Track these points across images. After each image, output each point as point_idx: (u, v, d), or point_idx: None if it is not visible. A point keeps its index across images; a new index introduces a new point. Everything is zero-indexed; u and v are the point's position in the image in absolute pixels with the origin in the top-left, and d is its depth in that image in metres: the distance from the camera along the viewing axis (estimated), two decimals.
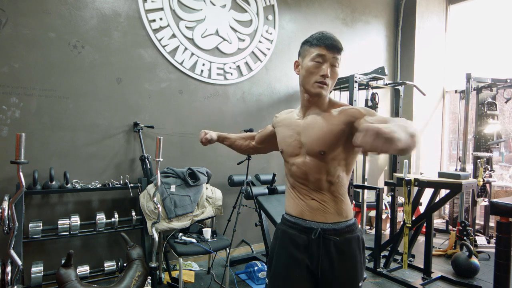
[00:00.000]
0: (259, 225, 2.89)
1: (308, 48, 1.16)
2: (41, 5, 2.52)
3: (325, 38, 1.13)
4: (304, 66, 1.16)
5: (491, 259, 3.41)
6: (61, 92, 2.62)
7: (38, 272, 2.21)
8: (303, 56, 1.18)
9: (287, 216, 1.26)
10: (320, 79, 1.13)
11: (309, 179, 1.18)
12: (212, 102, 3.34)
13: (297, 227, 1.20)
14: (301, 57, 1.20)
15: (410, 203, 2.86)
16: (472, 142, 3.99)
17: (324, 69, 1.12)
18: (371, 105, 3.48)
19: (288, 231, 1.22)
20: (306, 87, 1.17)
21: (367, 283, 2.84)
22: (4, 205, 2.10)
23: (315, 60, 1.13)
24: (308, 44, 1.17)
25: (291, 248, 1.19)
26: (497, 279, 1.67)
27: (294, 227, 1.21)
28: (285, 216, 1.28)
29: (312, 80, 1.14)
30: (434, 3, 5.02)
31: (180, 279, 2.44)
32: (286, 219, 1.26)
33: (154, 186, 2.56)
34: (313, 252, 1.16)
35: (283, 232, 1.24)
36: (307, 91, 1.18)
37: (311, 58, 1.14)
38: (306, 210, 1.19)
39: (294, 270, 1.16)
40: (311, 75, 1.14)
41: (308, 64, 1.15)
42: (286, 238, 1.22)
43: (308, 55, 1.16)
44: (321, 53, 1.12)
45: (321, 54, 1.12)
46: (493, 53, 4.57)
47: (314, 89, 1.15)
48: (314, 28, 4.04)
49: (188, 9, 3.17)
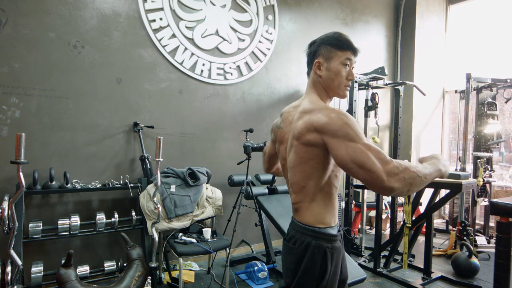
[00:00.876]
0: (259, 225, 2.89)
1: (334, 51, 1.17)
2: (41, 5, 2.52)
3: (350, 42, 1.17)
4: (333, 69, 1.17)
5: (491, 259, 3.41)
6: (61, 92, 2.62)
7: (38, 272, 2.21)
8: (328, 57, 1.18)
9: (332, 230, 1.16)
10: (347, 83, 1.19)
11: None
12: (212, 102, 3.34)
13: (339, 237, 1.19)
14: (324, 58, 1.18)
15: (410, 203, 2.86)
16: (472, 142, 3.99)
17: (352, 73, 1.18)
18: (371, 105, 3.47)
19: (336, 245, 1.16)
20: (334, 90, 1.19)
21: (367, 283, 2.84)
22: (4, 205, 2.10)
23: (345, 64, 1.16)
24: (334, 47, 1.17)
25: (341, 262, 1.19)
26: (497, 279, 1.67)
27: (339, 239, 1.18)
28: (330, 231, 1.15)
29: (341, 83, 1.18)
30: (434, 3, 5.02)
31: (180, 279, 2.45)
32: (332, 234, 1.15)
33: (154, 186, 2.56)
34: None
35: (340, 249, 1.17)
36: (333, 92, 1.20)
37: (341, 62, 1.16)
38: None
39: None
40: (340, 78, 1.17)
41: (337, 67, 1.17)
42: (338, 254, 1.16)
43: (336, 58, 1.17)
44: (350, 58, 1.17)
45: (350, 58, 1.17)
46: (493, 53, 4.56)
47: (342, 92, 1.20)
48: (314, 28, 4.04)
49: (188, 9, 3.17)
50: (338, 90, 1.19)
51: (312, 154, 1.09)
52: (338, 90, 1.19)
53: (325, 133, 1.03)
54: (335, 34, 1.19)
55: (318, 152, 1.08)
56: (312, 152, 1.08)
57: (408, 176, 0.97)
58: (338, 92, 1.19)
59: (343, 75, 1.17)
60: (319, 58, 1.19)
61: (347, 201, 3.41)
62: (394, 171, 0.96)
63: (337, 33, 1.19)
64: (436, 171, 1.06)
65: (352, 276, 2.45)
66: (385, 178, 0.95)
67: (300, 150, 1.10)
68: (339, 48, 1.16)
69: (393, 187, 0.95)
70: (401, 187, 0.96)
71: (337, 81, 1.17)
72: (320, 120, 1.05)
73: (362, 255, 3.46)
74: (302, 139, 1.08)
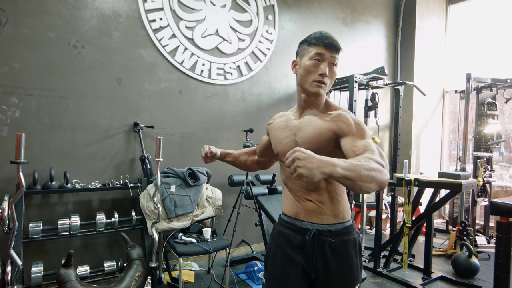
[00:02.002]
0: (259, 225, 2.89)
1: (306, 47, 1.15)
2: (41, 5, 2.52)
3: (323, 37, 1.11)
4: (302, 65, 1.15)
5: (491, 259, 3.41)
6: (61, 92, 2.62)
7: (38, 272, 2.21)
8: (301, 55, 1.17)
9: (283, 216, 1.26)
10: (318, 78, 1.11)
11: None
12: (212, 102, 3.34)
13: (292, 227, 1.19)
14: (299, 56, 1.18)
15: (410, 203, 2.86)
16: (472, 142, 3.99)
17: (323, 68, 1.11)
18: (371, 105, 3.48)
19: (284, 231, 1.21)
20: (304, 86, 1.15)
21: (367, 283, 2.84)
22: (4, 205, 2.10)
23: (314, 59, 1.11)
24: (306, 43, 1.15)
25: (287, 248, 1.18)
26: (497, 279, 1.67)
27: (290, 227, 1.20)
28: (281, 216, 1.27)
29: (310, 79, 1.13)
30: (434, 3, 5.02)
31: (180, 279, 2.45)
32: (282, 219, 1.26)
33: (154, 186, 2.56)
34: (308, 253, 1.15)
35: (279, 232, 1.23)
36: (305, 90, 1.16)
37: (310, 57, 1.12)
38: (302, 211, 1.18)
39: (289, 271, 1.16)
40: (309, 74, 1.13)
41: (306, 63, 1.13)
42: (282, 238, 1.21)
43: (306, 54, 1.14)
44: (319, 52, 1.11)
45: (319, 53, 1.11)
46: (493, 53, 4.57)
47: (312, 88, 1.13)
48: (314, 28, 4.04)
49: (188, 9, 3.17)
50: (307, 87, 1.14)
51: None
52: (307, 86, 1.14)
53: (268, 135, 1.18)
54: (315, 32, 1.16)
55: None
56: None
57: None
58: (308, 89, 1.14)
59: (311, 70, 1.12)
60: (296, 58, 1.20)
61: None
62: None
63: (317, 32, 1.15)
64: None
65: None
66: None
67: None
68: (309, 44, 1.13)
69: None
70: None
71: (306, 78, 1.13)
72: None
73: (362, 255, 3.46)
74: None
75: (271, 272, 1.21)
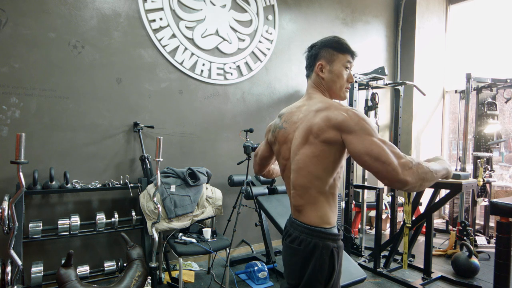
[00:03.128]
0: (259, 225, 2.89)
1: (336, 54, 1.22)
2: (41, 5, 2.52)
3: (349, 46, 1.23)
4: (335, 71, 1.22)
5: (491, 259, 3.41)
6: (61, 92, 2.62)
7: (38, 272, 2.21)
8: (330, 60, 1.22)
9: (334, 230, 1.17)
10: (347, 85, 1.25)
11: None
12: (212, 102, 3.34)
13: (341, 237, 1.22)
14: (326, 60, 1.22)
15: (410, 203, 2.86)
16: (472, 142, 3.99)
17: (351, 76, 1.24)
18: (371, 105, 3.48)
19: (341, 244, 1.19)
20: (336, 92, 1.24)
21: (367, 283, 2.84)
22: (4, 205, 2.10)
23: (345, 66, 1.22)
24: (336, 50, 1.22)
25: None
26: (497, 279, 1.67)
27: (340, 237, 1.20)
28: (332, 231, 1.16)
29: (342, 85, 1.24)
30: (434, 3, 5.02)
31: (180, 279, 2.45)
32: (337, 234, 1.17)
33: (154, 186, 2.56)
34: None
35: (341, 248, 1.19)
36: (334, 94, 1.25)
37: (343, 64, 1.22)
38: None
39: None
40: (341, 80, 1.23)
41: (339, 70, 1.22)
42: (342, 252, 1.20)
43: (337, 61, 1.22)
44: (350, 60, 1.23)
45: (350, 61, 1.23)
46: (493, 53, 4.57)
47: (343, 93, 1.26)
48: (314, 28, 4.04)
49: (188, 9, 3.17)
50: (339, 92, 1.24)
51: (329, 153, 1.10)
52: (339, 92, 1.24)
53: (344, 129, 1.05)
54: (335, 38, 1.24)
55: (335, 150, 1.10)
56: (329, 150, 1.10)
57: (421, 170, 1.00)
58: (340, 94, 1.25)
59: (344, 77, 1.22)
60: (321, 61, 1.23)
61: (347, 201, 3.41)
62: (408, 164, 0.99)
63: (336, 37, 1.24)
64: (444, 169, 1.11)
65: (352, 276, 2.46)
66: (400, 171, 0.97)
67: (317, 149, 1.10)
68: (340, 51, 1.21)
69: (407, 180, 0.97)
70: (414, 181, 0.99)
71: (339, 83, 1.23)
72: (338, 117, 1.07)
73: (362, 255, 3.46)
74: (321, 137, 1.09)
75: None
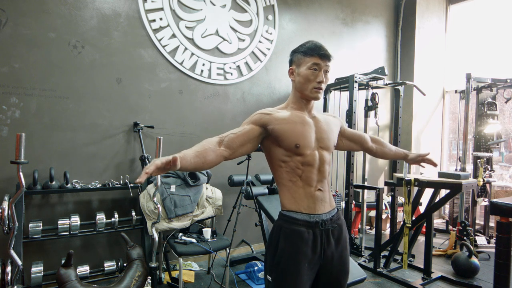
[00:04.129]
0: (259, 225, 2.89)
1: (302, 57, 1.30)
2: (41, 5, 2.52)
3: (318, 49, 1.28)
4: (301, 74, 1.29)
5: (491, 259, 3.41)
6: (61, 92, 2.62)
7: (38, 272, 2.21)
8: (298, 64, 1.32)
9: (290, 213, 1.27)
10: (317, 85, 1.28)
11: (320, 170, 1.30)
12: (212, 102, 3.34)
13: (303, 223, 1.25)
14: (295, 65, 1.33)
15: (410, 203, 2.86)
16: (472, 142, 3.99)
17: (321, 76, 1.28)
18: (371, 105, 3.48)
19: (295, 228, 1.24)
20: (305, 93, 1.30)
21: (367, 283, 2.84)
22: (4, 205, 2.10)
23: (311, 69, 1.28)
24: (302, 54, 1.30)
25: (300, 244, 1.23)
26: (497, 279, 1.67)
27: (300, 223, 1.25)
28: (287, 213, 1.27)
29: (310, 87, 1.29)
30: (434, 3, 5.02)
31: (180, 279, 2.45)
32: (290, 217, 1.26)
33: (154, 186, 2.56)
34: (318, 244, 1.25)
35: (291, 231, 1.25)
36: (305, 96, 1.31)
37: (308, 67, 1.28)
38: (311, 203, 1.26)
39: (303, 266, 1.23)
40: (308, 82, 1.29)
41: (305, 72, 1.29)
42: (294, 235, 1.24)
43: (303, 64, 1.29)
44: (316, 62, 1.27)
45: (316, 63, 1.27)
46: (493, 53, 4.56)
47: (312, 94, 1.30)
48: (314, 28, 4.04)
49: (188, 9, 3.17)
50: (308, 93, 1.29)
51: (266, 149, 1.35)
52: (308, 92, 1.29)
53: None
54: (307, 42, 1.31)
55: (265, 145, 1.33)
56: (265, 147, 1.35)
57: None
58: (308, 94, 1.30)
59: (310, 78, 1.28)
60: (292, 66, 1.35)
61: (347, 201, 3.41)
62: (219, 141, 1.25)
63: (310, 41, 1.31)
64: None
65: (352, 276, 2.45)
66: None
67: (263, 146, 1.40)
68: (306, 55, 1.29)
69: None
70: None
71: (306, 85, 1.29)
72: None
73: (362, 255, 3.46)
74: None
75: (284, 270, 1.23)
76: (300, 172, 1.27)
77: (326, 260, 1.27)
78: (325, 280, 1.29)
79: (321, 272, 1.28)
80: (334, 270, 1.29)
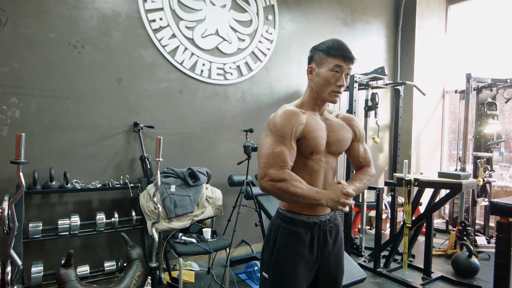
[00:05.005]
0: (259, 225, 2.89)
1: (325, 57, 1.20)
2: (41, 5, 2.52)
3: (342, 49, 1.19)
4: (322, 75, 1.21)
5: (491, 259, 3.41)
6: (61, 92, 2.62)
7: (38, 272, 2.21)
8: (319, 64, 1.22)
9: (288, 214, 1.27)
10: (337, 89, 1.21)
11: (326, 175, 1.28)
12: (212, 102, 3.34)
13: (301, 224, 1.25)
14: (316, 64, 1.24)
15: (410, 203, 2.86)
16: (472, 142, 3.99)
17: (342, 79, 1.20)
18: (371, 105, 3.48)
19: (293, 228, 1.25)
20: (323, 95, 1.23)
21: (367, 283, 2.84)
22: (4, 205, 2.10)
23: (333, 71, 1.19)
24: (325, 53, 1.20)
25: (298, 245, 1.24)
26: (497, 279, 1.67)
27: (298, 223, 1.25)
28: (285, 213, 1.28)
29: (329, 89, 1.21)
30: (434, 3, 5.02)
31: (180, 279, 2.45)
32: (288, 217, 1.27)
33: (154, 186, 2.56)
34: (315, 245, 1.26)
35: (289, 231, 1.25)
36: (322, 98, 1.24)
37: (330, 68, 1.19)
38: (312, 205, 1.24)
39: (300, 266, 1.23)
40: (328, 85, 1.21)
41: (326, 74, 1.20)
42: (292, 236, 1.25)
43: (325, 64, 1.20)
44: (339, 64, 1.18)
45: (339, 65, 1.18)
46: (493, 53, 4.56)
47: (330, 97, 1.23)
48: (314, 28, 4.04)
49: (188, 9, 3.17)
50: (326, 96, 1.23)
51: None
52: (326, 95, 1.23)
53: None
54: (330, 41, 1.22)
55: None
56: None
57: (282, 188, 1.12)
58: (326, 98, 1.23)
59: (331, 81, 1.20)
60: (312, 64, 1.25)
61: None
62: (272, 177, 1.13)
63: (333, 40, 1.22)
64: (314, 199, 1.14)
65: (352, 276, 2.45)
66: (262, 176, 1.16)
67: None
68: (329, 55, 1.19)
69: (264, 187, 1.16)
70: (270, 190, 1.15)
71: (325, 87, 1.21)
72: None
73: (362, 255, 3.46)
74: None
75: (281, 269, 1.23)
76: (307, 177, 1.24)
77: (324, 260, 1.28)
78: (324, 279, 1.31)
79: (319, 272, 1.29)
80: (331, 269, 1.31)
